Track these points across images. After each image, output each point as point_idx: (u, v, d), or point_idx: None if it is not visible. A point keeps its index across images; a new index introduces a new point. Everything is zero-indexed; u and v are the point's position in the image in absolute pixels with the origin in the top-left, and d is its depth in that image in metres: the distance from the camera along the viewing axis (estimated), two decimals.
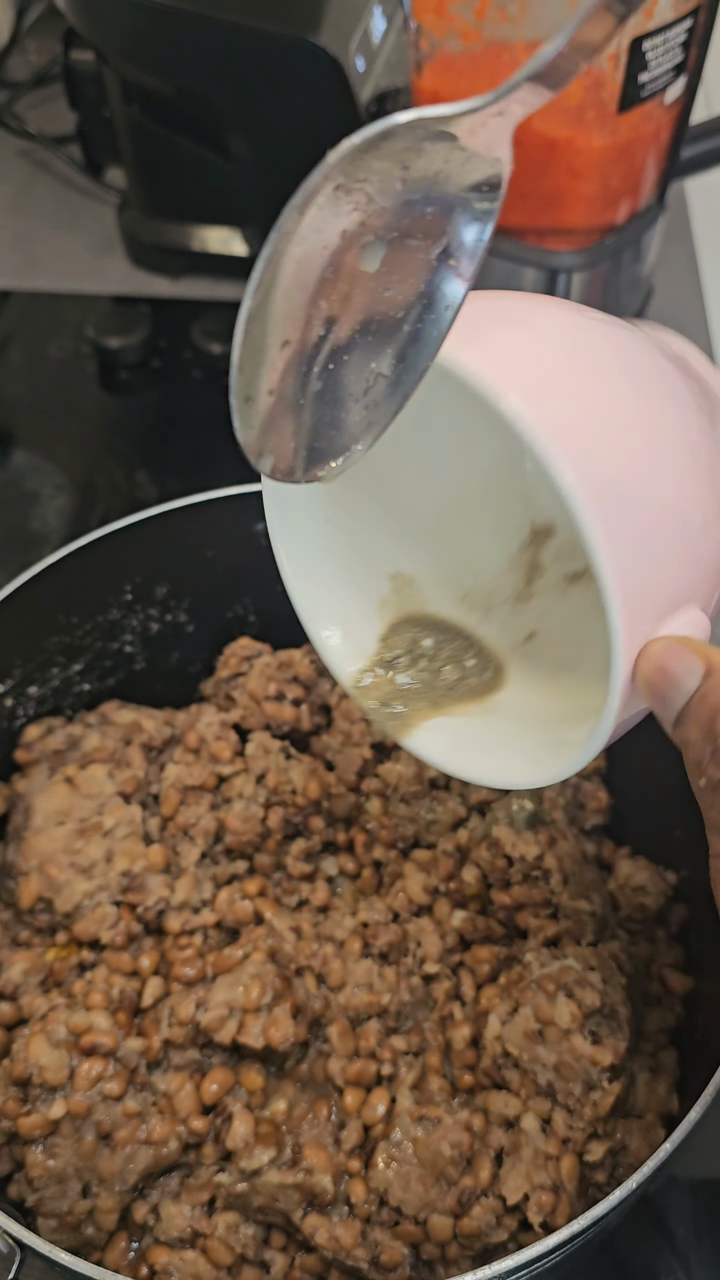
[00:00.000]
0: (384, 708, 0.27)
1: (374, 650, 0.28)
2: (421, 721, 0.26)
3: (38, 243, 0.73)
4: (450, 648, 0.28)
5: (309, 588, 0.27)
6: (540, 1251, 0.26)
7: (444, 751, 0.26)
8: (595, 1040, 0.31)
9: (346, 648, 0.28)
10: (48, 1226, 0.30)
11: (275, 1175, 0.30)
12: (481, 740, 0.26)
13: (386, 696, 0.27)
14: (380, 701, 0.27)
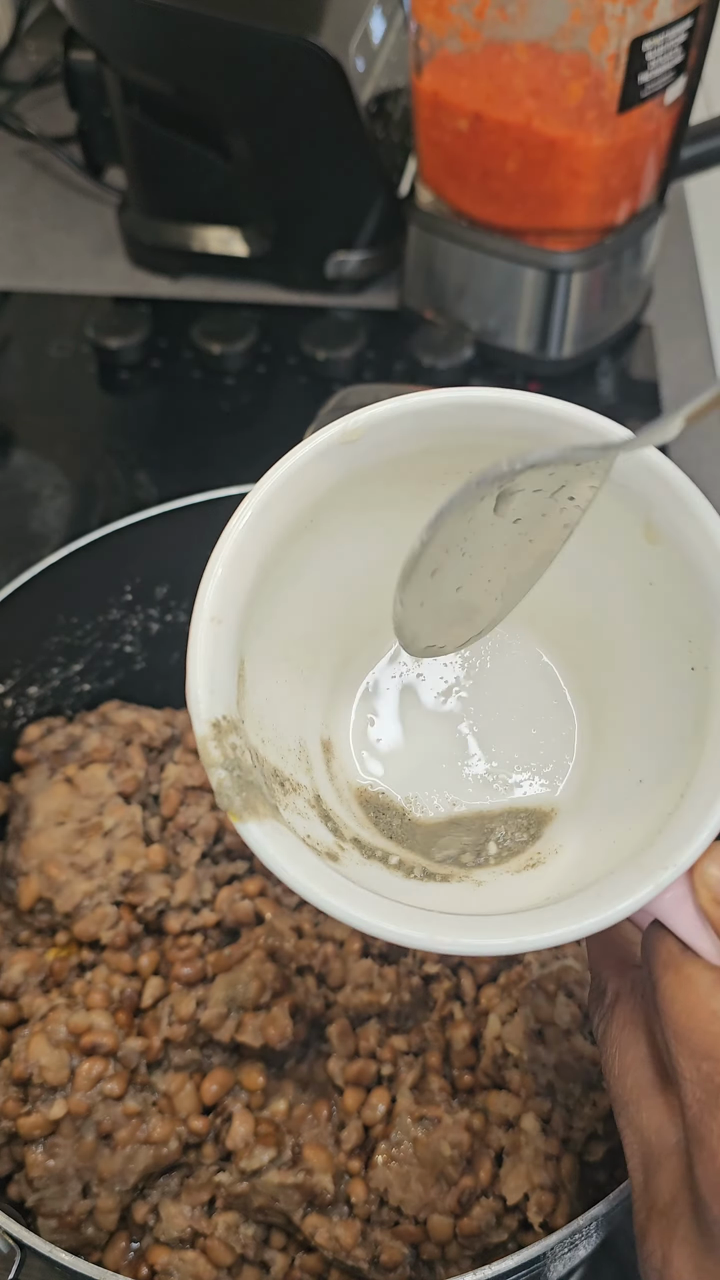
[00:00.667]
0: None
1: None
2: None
3: (38, 243, 0.73)
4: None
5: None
6: (540, 1251, 0.26)
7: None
8: (595, 1040, 0.31)
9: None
10: (48, 1226, 0.30)
11: (275, 1175, 0.30)
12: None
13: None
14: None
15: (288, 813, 0.23)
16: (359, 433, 0.22)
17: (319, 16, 0.56)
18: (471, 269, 0.61)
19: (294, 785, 0.24)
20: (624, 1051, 0.21)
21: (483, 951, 0.20)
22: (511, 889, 0.24)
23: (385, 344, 0.65)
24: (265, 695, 0.24)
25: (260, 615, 0.23)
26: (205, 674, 0.21)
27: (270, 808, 0.21)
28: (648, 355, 0.66)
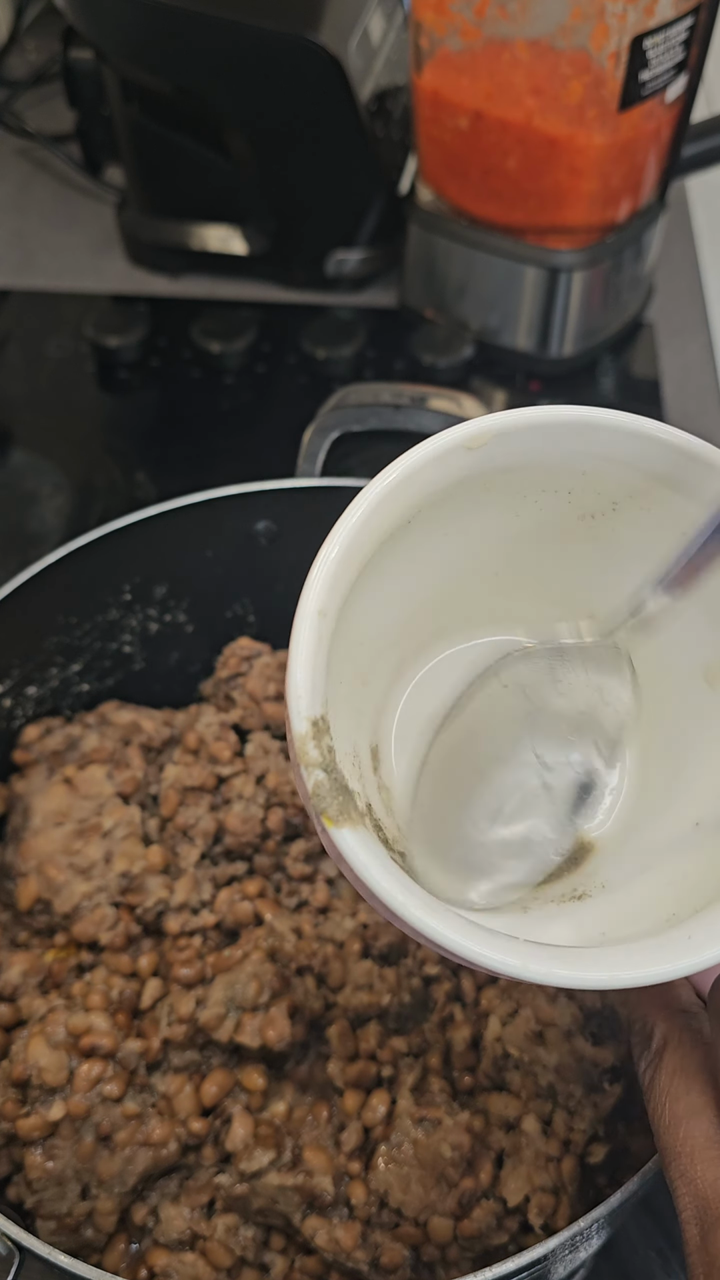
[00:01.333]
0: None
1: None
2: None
3: (36, 241, 0.73)
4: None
5: None
6: (541, 1253, 0.25)
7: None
8: (596, 1041, 0.31)
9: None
10: (47, 1228, 0.30)
11: (275, 1177, 0.30)
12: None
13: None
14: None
15: None
16: (484, 439, 0.21)
17: (319, 14, 0.56)
18: (472, 267, 0.60)
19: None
20: (675, 1101, 0.20)
21: (575, 985, 0.19)
22: (560, 920, 0.23)
23: (385, 343, 0.65)
24: (332, 699, 0.23)
25: (347, 612, 0.22)
26: (308, 670, 0.20)
27: (361, 814, 0.20)
28: (649, 354, 0.66)
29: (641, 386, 0.64)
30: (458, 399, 0.41)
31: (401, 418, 0.41)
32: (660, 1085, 0.21)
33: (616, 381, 0.64)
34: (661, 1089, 0.20)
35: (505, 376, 0.63)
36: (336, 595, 0.21)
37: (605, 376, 0.64)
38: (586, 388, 0.64)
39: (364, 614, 0.23)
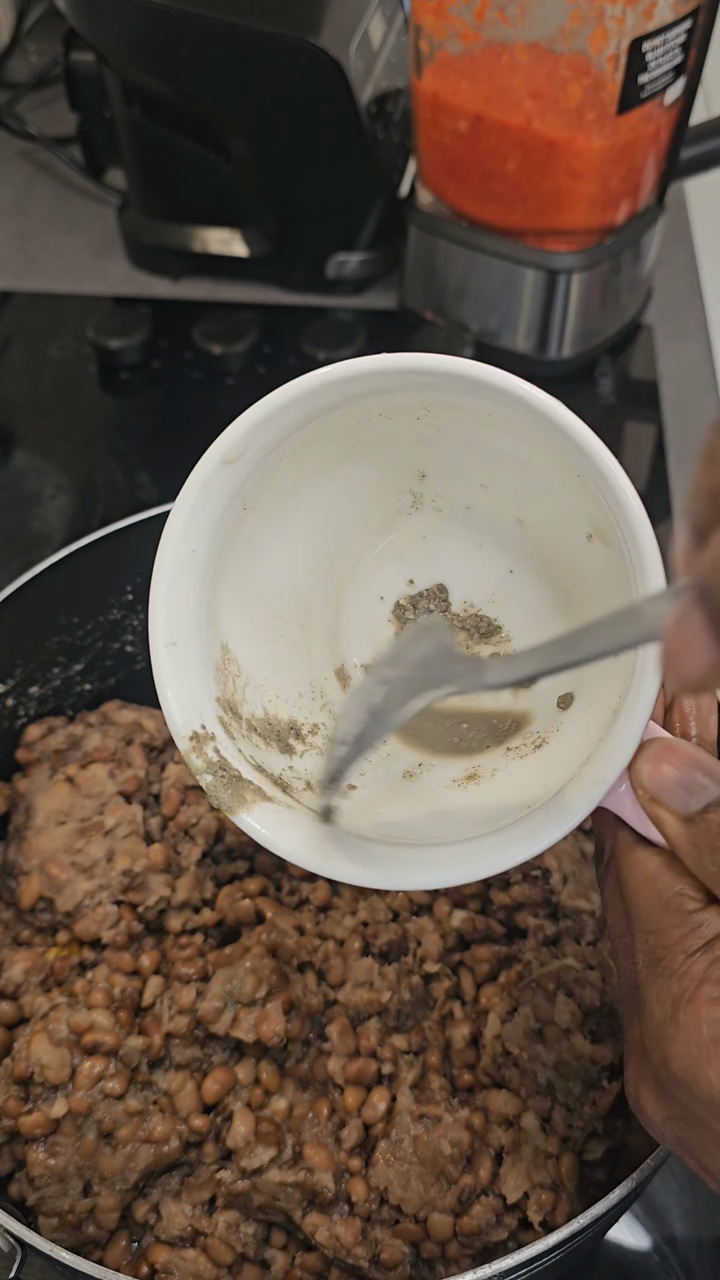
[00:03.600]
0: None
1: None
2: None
3: (38, 244, 0.73)
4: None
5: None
6: (540, 1250, 0.26)
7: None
8: (595, 1039, 0.31)
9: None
10: (49, 1225, 0.31)
11: (276, 1174, 0.30)
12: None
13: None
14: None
15: (307, 757, 0.25)
16: (237, 453, 0.23)
17: (319, 18, 0.56)
18: (471, 269, 0.61)
19: (313, 727, 0.26)
20: (616, 905, 0.23)
21: (442, 884, 0.22)
22: (509, 782, 0.25)
23: (385, 344, 0.65)
24: (264, 659, 0.26)
25: (232, 595, 0.24)
26: (173, 696, 0.24)
27: (256, 793, 0.24)
28: (647, 356, 0.66)
29: (640, 388, 0.64)
30: None
31: None
32: (608, 892, 0.23)
33: (615, 383, 0.64)
34: (609, 895, 0.23)
35: None
36: (182, 619, 0.24)
37: (604, 378, 0.64)
38: (585, 389, 0.64)
39: (269, 575, 0.26)
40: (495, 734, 0.26)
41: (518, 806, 0.24)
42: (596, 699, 0.24)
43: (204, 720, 0.24)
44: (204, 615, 0.24)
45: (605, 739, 0.22)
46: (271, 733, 0.26)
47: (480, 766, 0.26)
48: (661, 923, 0.21)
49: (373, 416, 0.24)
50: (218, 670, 0.25)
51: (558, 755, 0.25)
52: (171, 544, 0.24)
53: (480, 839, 0.23)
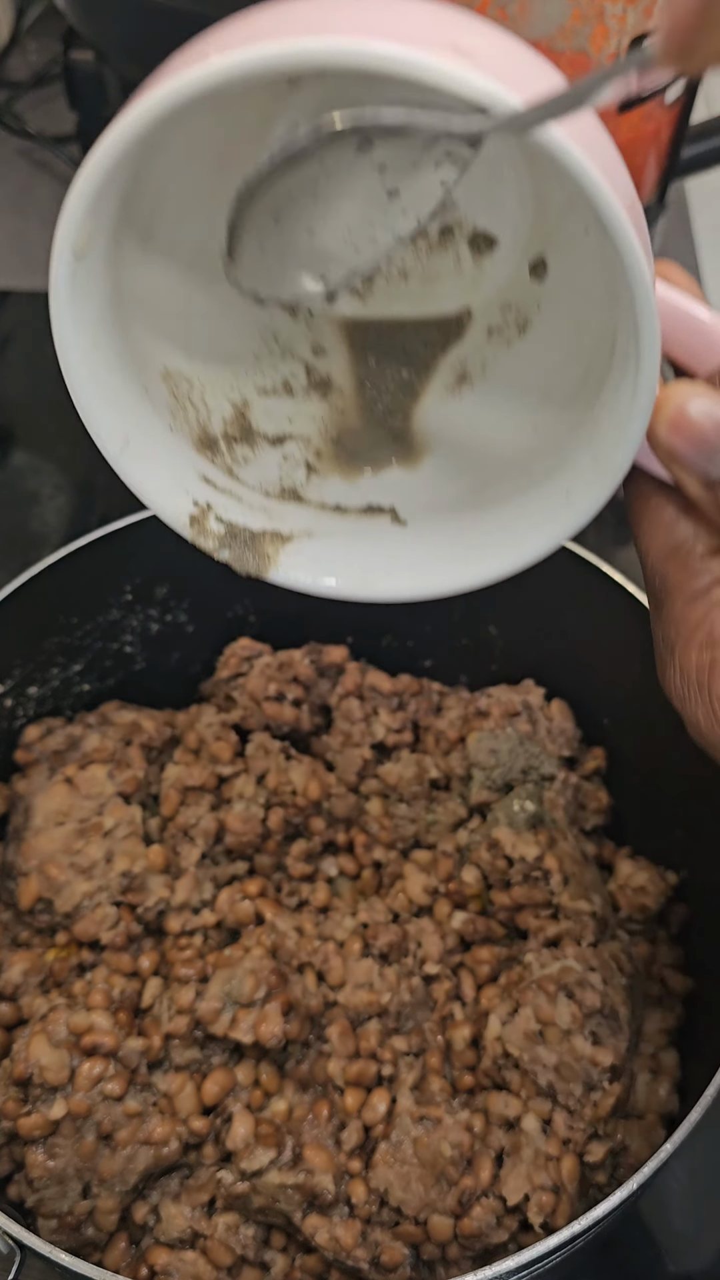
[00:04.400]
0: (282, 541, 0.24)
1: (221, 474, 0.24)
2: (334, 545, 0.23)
3: (37, 243, 0.73)
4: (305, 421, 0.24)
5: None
6: (541, 1252, 0.26)
7: (397, 572, 0.23)
8: (596, 1041, 0.31)
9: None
10: (48, 1227, 0.30)
11: (276, 1176, 0.30)
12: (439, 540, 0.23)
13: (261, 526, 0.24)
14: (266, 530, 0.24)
15: (300, 423, 0.24)
16: (84, 245, 0.20)
17: None
18: None
19: (284, 383, 0.24)
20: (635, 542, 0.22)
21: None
22: (508, 382, 0.23)
23: None
24: (207, 344, 0.24)
25: (149, 324, 0.22)
26: (154, 493, 0.22)
27: (275, 540, 0.23)
28: None
29: None
30: None
31: None
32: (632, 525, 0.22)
33: None
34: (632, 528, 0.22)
35: None
36: (123, 411, 0.22)
37: None
38: None
39: (176, 266, 0.23)
40: (480, 330, 0.24)
41: (528, 429, 0.22)
42: (575, 271, 0.22)
43: (193, 497, 0.23)
44: (133, 379, 0.22)
45: (612, 407, 0.20)
46: (253, 431, 0.24)
47: (468, 361, 0.24)
48: (667, 566, 0.21)
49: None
50: (175, 413, 0.23)
51: (548, 341, 0.23)
52: (73, 361, 0.21)
53: (504, 528, 0.22)
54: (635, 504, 0.21)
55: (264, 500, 0.24)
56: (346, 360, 0.25)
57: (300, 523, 0.24)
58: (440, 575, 0.23)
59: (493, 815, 0.37)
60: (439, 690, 0.43)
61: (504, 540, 0.22)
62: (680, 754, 0.36)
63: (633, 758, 0.40)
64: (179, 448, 0.23)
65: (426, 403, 0.25)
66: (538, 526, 0.22)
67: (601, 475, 0.20)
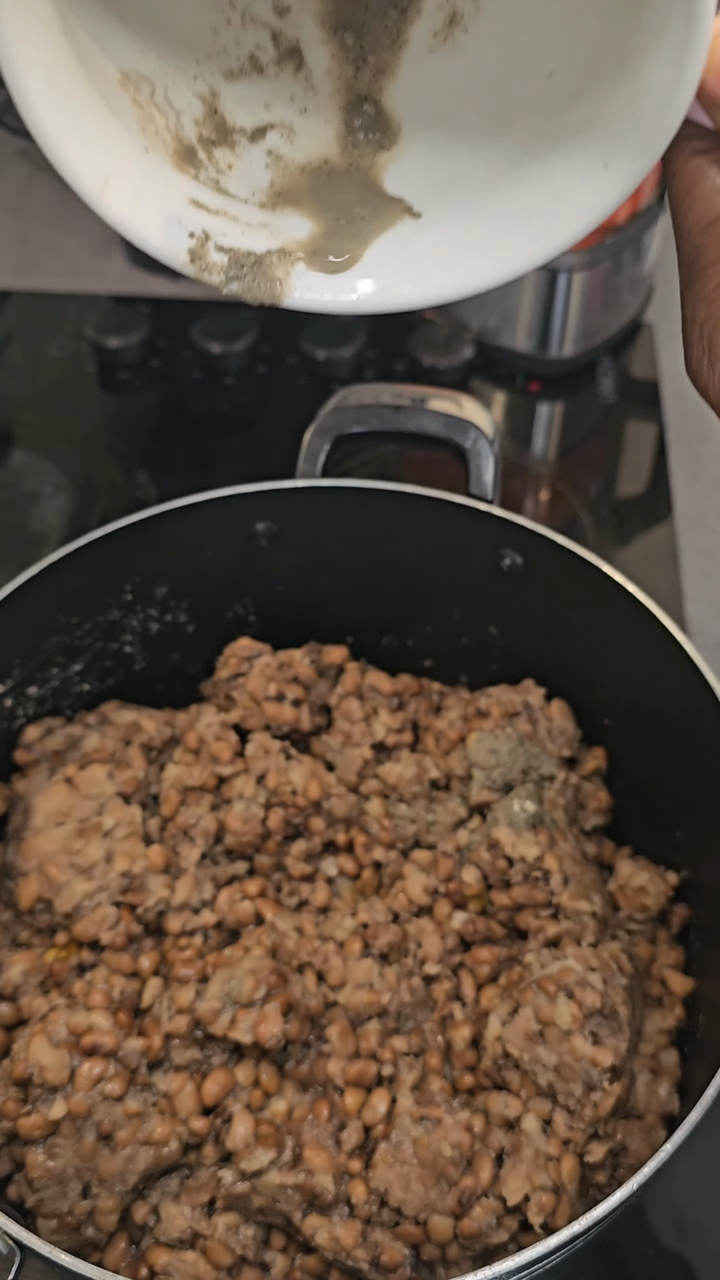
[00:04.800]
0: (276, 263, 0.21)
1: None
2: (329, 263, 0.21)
3: (37, 242, 0.73)
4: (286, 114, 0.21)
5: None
6: (541, 1252, 0.26)
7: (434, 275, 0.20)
8: (596, 1041, 0.31)
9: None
10: (48, 1227, 0.30)
11: (276, 1176, 0.30)
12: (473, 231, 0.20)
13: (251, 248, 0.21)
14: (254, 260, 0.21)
15: (278, 108, 0.21)
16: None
17: None
18: None
19: (252, 58, 0.22)
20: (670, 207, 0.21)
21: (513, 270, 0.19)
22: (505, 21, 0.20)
23: (385, 343, 0.65)
24: (163, 40, 0.21)
25: (104, 38, 0.20)
26: (153, 235, 0.20)
27: (283, 260, 0.21)
28: (648, 354, 0.66)
29: (640, 387, 0.64)
30: (458, 400, 0.41)
31: (402, 419, 0.41)
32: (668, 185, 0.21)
33: (616, 382, 0.64)
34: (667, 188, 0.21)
35: (505, 377, 0.64)
36: (102, 144, 0.20)
37: (604, 377, 0.64)
38: (586, 388, 0.64)
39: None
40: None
41: (540, 80, 0.20)
42: None
43: (188, 228, 0.21)
44: (94, 97, 0.20)
45: (655, 56, 0.17)
46: (230, 128, 0.22)
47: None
48: (704, 238, 0.20)
49: None
50: (144, 126, 0.21)
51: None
52: (32, 92, 0.19)
53: (536, 207, 0.19)
54: (677, 174, 0.20)
55: (261, 214, 0.22)
56: (317, 10, 0.21)
57: (305, 232, 0.22)
58: (473, 268, 0.20)
59: (493, 815, 0.37)
60: (439, 690, 0.43)
61: (538, 221, 0.20)
62: (680, 754, 0.36)
63: (633, 758, 0.40)
64: (160, 171, 0.21)
65: (414, 60, 0.21)
66: (576, 202, 0.19)
67: (646, 139, 0.18)
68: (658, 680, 0.36)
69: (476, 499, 0.40)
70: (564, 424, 0.62)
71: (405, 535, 0.42)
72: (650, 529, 0.56)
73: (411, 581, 0.43)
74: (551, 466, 0.60)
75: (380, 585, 0.43)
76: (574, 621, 0.40)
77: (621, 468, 0.60)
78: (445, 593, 0.42)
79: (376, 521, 0.41)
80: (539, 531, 0.39)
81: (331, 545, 0.42)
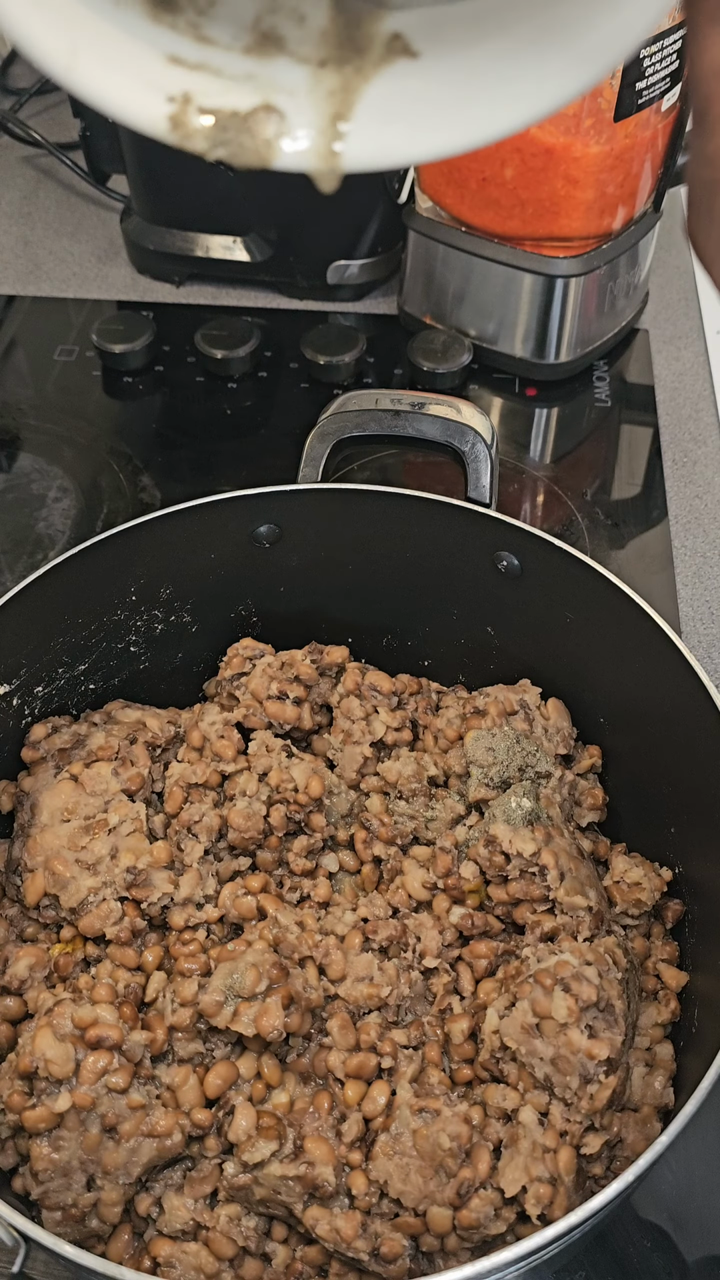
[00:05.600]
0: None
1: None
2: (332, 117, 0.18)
3: (42, 249, 0.74)
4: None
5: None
6: (538, 1243, 0.26)
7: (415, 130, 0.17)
8: (592, 1034, 0.31)
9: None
10: (52, 1219, 0.31)
11: (277, 1167, 0.31)
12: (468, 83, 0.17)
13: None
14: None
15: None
16: None
17: None
18: (470, 275, 0.61)
19: None
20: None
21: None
22: None
23: (385, 349, 0.66)
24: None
25: None
26: (128, 98, 0.18)
27: (269, 114, 0.19)
28: (644, 360, 0.66)
29: (636, 392, 0.65)
30: (456, 405, 0.42)
31: (401, 423, 0.41)
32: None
33: (612, 387, 0.65)
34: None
35: (503, 382, 0.64)
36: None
37: (601, 382, 0.65)
38: (583, 393, 0.64)
39: None
40: None
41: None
42: None
43: (167, 92, 0.18)
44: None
45: None
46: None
47: None
48: (714, 85, 0.18)
49: None
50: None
51: None
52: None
53: (549, 48, 0.17)
54: (695, 13, 0.18)
55: (245, 63, 0.19)
56: None
57: (294, 82, 0.19)
58: (484, 114, 0.17)
59: (490, 812, 0.38)
60: (438, 689, 0.44)
61: (551, 57, 0.17)
62: (675, 751, 0.36)
63: (628, 755, 0.40)
64: (133, 25, 0.19)
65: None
66: (593, 41, 0.16)
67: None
68: (652, 679, 0.37)
69: (474, 502, 0.41)
70: (560, 428, 0.63)
71: (404, 537, 0.42)
72: (645, 531, 0.57)
73: (410, 583, 0.43)
74: (548, 470, 0.60)
75: (380, 586, 0.43)
76: (570, 622, 0.40)
77: (617, 471, 0.60)
78: (444, 594, 0.43)
79: (376, 524, 0.42)
80: (536, 534, 0.39)
81: (332, 547, 0.43)
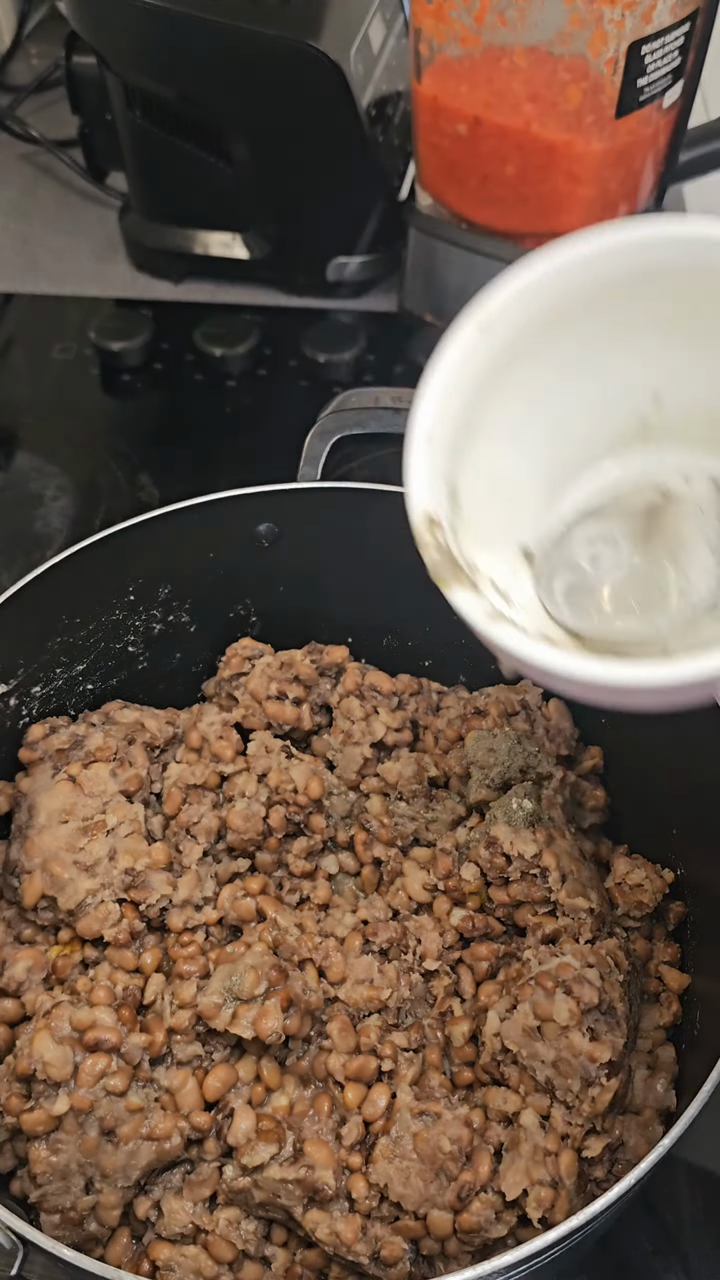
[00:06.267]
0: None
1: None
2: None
3: (40, 246, 0.74)
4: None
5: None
6: (539, 1247, 0.26)
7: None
8: (593, 1037, 0.31)
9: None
10: (50, 1223, 0.31)
11: (277, 1171, 0.30)
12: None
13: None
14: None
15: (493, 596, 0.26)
16: (489, 324, 0.24)
17: (320, 21, 0.57)
18: (471, 272, 0.61)
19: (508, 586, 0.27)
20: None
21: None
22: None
23: (385, 347, 0.66)
24: (474, 507, 0.27)
25: (469, 446, 0.26)
26: (419, 480, 0.26)
27: (471, 584, 0.25)
28: None
29: None
30: None
31: (401, 421, 0.41)
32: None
33: None
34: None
35: None
36: (443, 421, 0.25)
37: None
38: None
39: (499, 447, 0.27)
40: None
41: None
42: None
43: (439, 509, 0.25)
44: (456, 436, 0.26)
45: None
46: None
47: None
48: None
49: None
50: (450, 498, 0.26)
51: None
52: (465, 336, 0.25)
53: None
54: None
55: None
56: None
57: (497, 598, 0.26)
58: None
59: (491, 813, 0.38)
60: (438, 690, 0.43)
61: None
62: (676, 753, 0.36)
63: (629, 756, 0.40)
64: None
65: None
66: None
67: None
68: None
69: None
70: None
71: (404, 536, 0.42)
72: None
73: (411, 582, 0.43)
74: None
75: (380, 586, 0.43)
76: None
77: None
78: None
79: (376, 523, 0.42)
80: None
81: (332, 546, 0.43)
